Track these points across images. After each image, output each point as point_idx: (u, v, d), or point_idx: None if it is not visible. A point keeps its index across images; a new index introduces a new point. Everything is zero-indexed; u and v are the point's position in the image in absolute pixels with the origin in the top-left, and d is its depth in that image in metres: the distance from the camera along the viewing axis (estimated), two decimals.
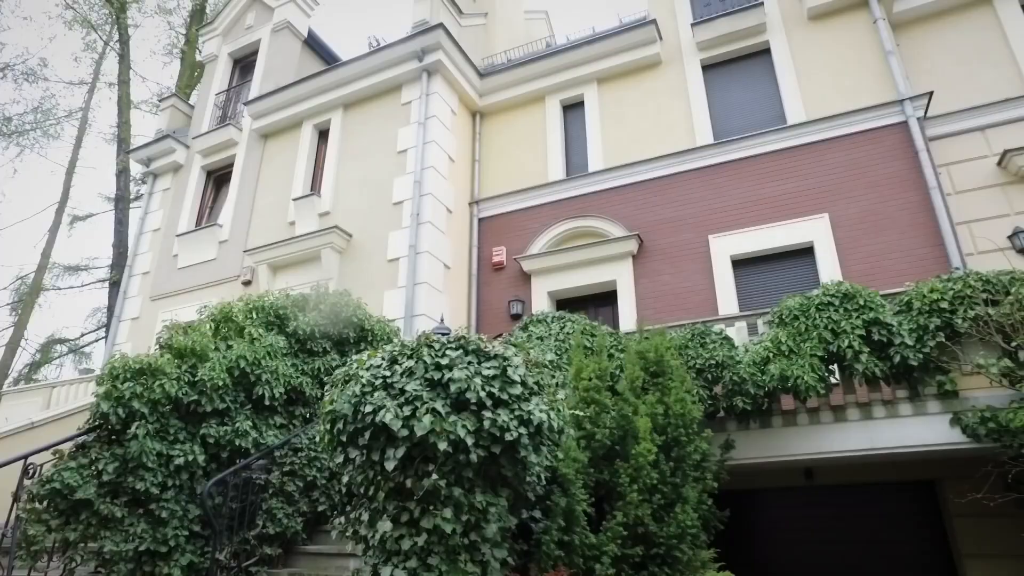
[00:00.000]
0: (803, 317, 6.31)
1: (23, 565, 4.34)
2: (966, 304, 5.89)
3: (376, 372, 3.69)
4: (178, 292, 11.83)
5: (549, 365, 5.86)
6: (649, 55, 10.79)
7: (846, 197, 8.84)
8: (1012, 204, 8.40)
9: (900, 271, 8.08)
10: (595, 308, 9.78)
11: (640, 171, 10.19)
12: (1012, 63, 8.94)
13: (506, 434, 3.46)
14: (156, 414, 5.05)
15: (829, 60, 9.66)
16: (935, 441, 6.00)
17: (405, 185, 10.04)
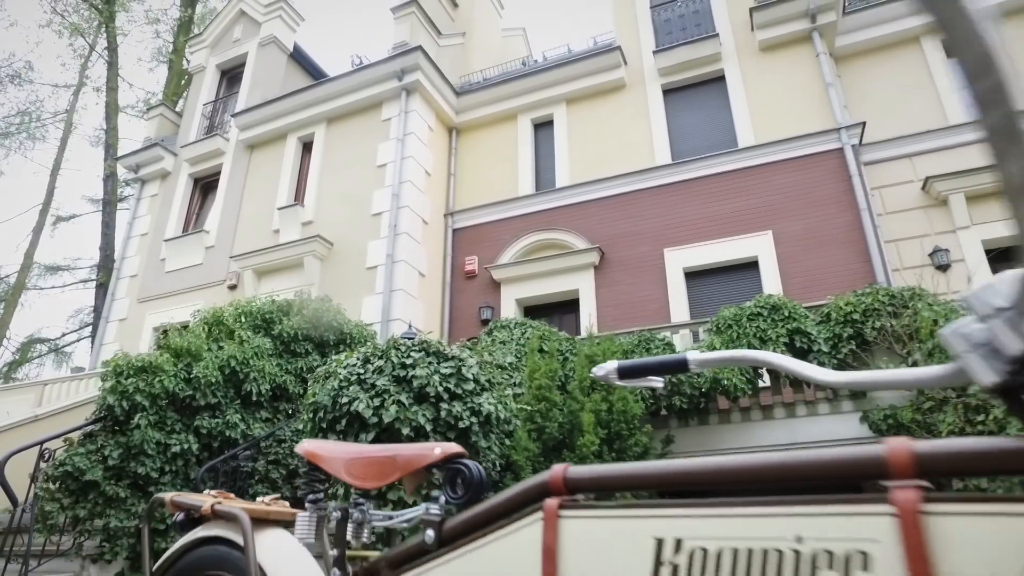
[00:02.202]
0: (736, 326, 7.10)
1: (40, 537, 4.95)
2: (874, 316, 6.74)
3: (352, 370, 4.39)
4: (165, 295, 12.37)
5: (508, 366, 6.62)
6: (614, 79, 11.58)
7: (788, 216, 9.68)
8: (933, 225, 9.31)
9: (834, 284, 8.90)
10: (560, 315, 10.53)
11: (603, 188, 10.97)
12: (936, 97, 9.87)
13: (459, 422, 4.18)
14: (156, 407, 5.67)
15: (777, 89, 10.51)
16: (847, 436, 6.81)
17: (384, 198, 10.72)
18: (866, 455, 0.59)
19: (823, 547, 0.58)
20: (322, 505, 1.07)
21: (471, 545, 0.82)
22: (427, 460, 0.90)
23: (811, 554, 0.58)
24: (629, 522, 0.69)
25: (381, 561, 0.91)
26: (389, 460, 0.93)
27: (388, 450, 0.94)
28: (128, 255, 13.45)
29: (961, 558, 0.51)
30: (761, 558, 0.60)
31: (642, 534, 0.67)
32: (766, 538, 0.61)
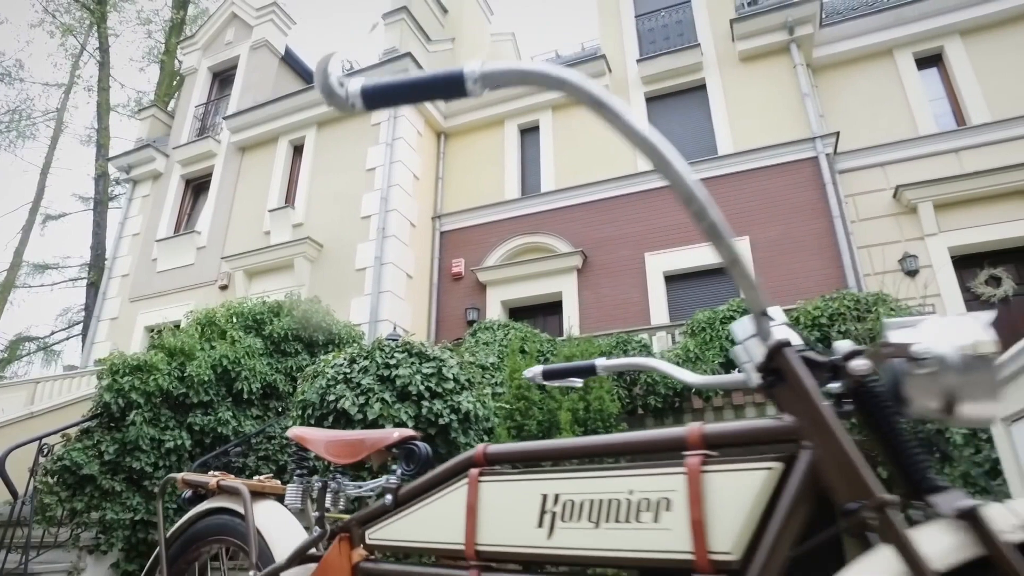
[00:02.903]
0: (709, 329, 7.42)
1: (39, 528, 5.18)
2: (840, 320, 7.06)
3: (339, 369, 4.65)
4: (157, 295, 12.55)
5: (491, 366, 6.90)
6: None
7: (764, 222, 10.01)
8: (903, 231, 9.66)
9: (807, 289, 9.22)
10: (543, 316, 10.81)
11: (587, 192, 11.26)
12: (907, 108, 10.24)
13: (440, 419, 4.45)
14: (150, 404, 5.90)
15: (756, 98, 10.84)
16: None
17: (373, 201, 10.96)
18: (674, 434, 0.87)
19: (644, 496, 0.85)
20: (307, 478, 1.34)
21: (418, 504, 1.09)
22: (387, 441, 1.18)
23: (637, 501, 0.86)
24: (525, 484, 0.96)
25: (352, 521, 1.18)
26: (359, 441, 1.20)
27: (358, 434, 1.21)
28: (120, 255, 13.61)
29: (721, 498, 0.79)
30: (607, 505, 0.88)
31: (533, 492, 0.95)
32: (611, 491, 0.88)
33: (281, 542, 1.30)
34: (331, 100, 0.75)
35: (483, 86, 0.74)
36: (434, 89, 0.76)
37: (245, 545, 1.34)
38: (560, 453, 1.00)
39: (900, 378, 0.76)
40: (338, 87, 0.74)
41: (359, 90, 0.75)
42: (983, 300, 9.22)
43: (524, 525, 0.94)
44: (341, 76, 0.74)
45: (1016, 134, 9.43)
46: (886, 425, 0.77)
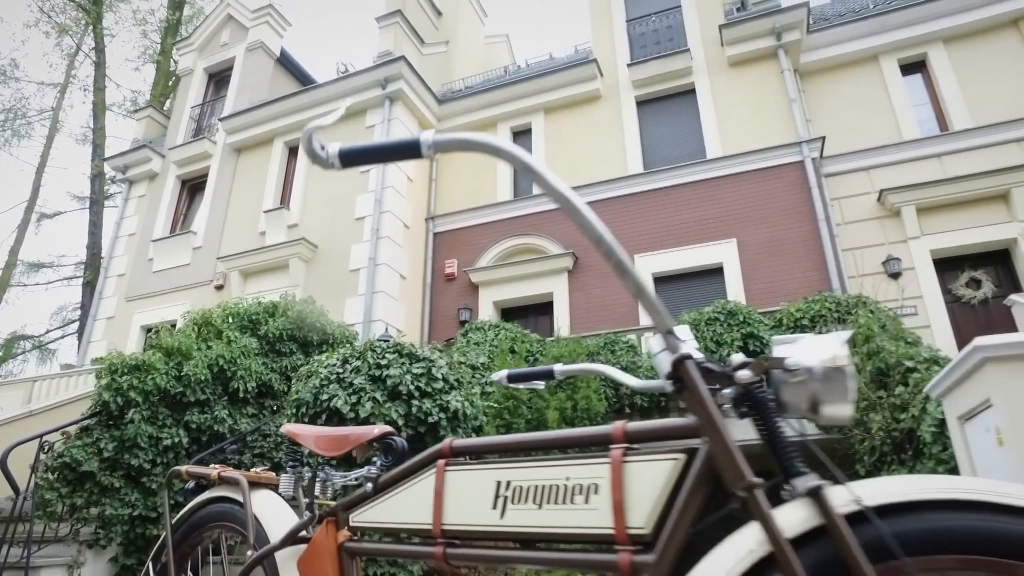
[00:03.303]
0: (694, 330, 7.59)
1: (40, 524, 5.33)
2: (821, 322, 7.26)
3: (332, 369, 4.81)
4: (153, 294, 12.68)
5: (481, 366, 7.07)
6: (590, 90, 12.05)
7: (752, 225, 10.21)
8: (887, 235, 9.87)
9: (793, 290, 9.42)
10: (535, 317, 10.99)
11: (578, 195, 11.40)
12: (892, 113, 10.45)
13: (429, 417, 4.62)
14: (148, 403, 6.04)
15: (744, 103, 11.04)
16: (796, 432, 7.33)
17: (367, 203, 11.12)
18: (603, 431, 1.04)
19: (578, 482, 1.03)
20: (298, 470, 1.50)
21: (395, 491, 1.26)
22: (369, 436, 1.34)
23: (572, 486, 1.03)
24: (483, 472, 1.14)
25: (338, 506, 1.35)
26: (344, 436, 1.37)
27: (343, 430, 1.38)
28: (116, 254, 13.73)
29: (637, 483, 0.97)
30: (549, 490, 1.05)
31: (489, 479, 1.12)
32: (552, 478, 1.05)
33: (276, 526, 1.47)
34: (315, 161, 0.93)
35: (434, 151, 0.92)
36: (396, 153, 0.94)
37: (244, 529, 1.51)
38: (513, 446, 1.17)
39: (779, 385, 0.94)
40: (320, 151, 0.92)
41: (337, 152, 0.93)
42: (964, 302, 9.44)
43: (481, 507, 1.11)
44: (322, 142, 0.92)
45: (997, 139, 9.64)
46: (768, 423, 0.94)
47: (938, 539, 0.77)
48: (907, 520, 0.79)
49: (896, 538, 0.78)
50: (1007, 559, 0.74)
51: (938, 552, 0.77)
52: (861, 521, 0.81)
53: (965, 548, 0.76)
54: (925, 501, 0.79)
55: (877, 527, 0.79)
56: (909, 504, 0.80)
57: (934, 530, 0.78)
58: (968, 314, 9.38)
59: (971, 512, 0.77)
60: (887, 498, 0.81)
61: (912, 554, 0.78)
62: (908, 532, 0.79)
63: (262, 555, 1.42)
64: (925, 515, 0.79)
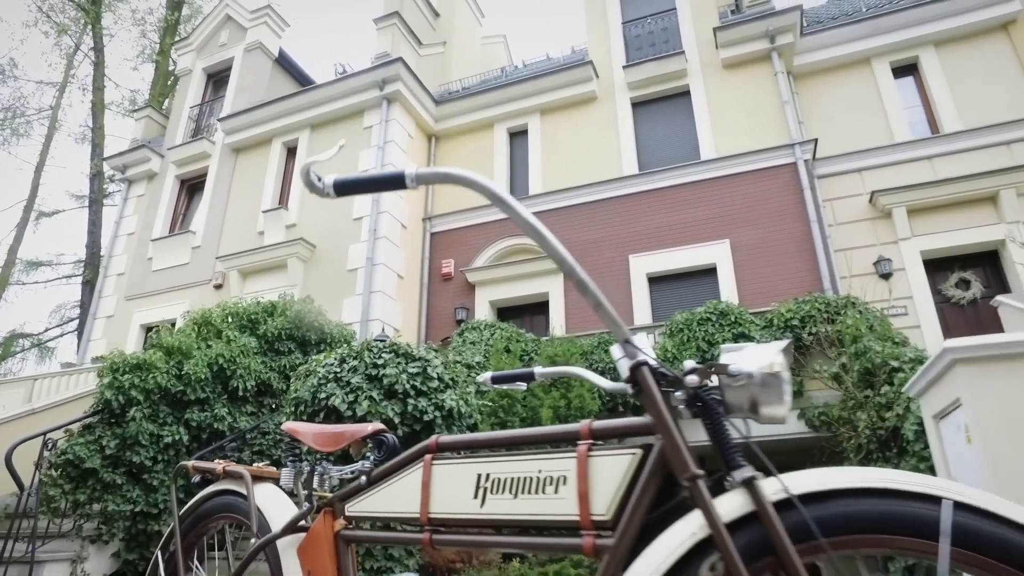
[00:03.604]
0: (687, 330, 7.74)
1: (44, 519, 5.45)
2: (810, 323, 7.40)
3: (330, 368, 4.93)
4: (152, 293, 12.78)
5: (476, 365, 7.19)
6: (586, 91, 12.16)
7: (744, 225, 10.33)
8: (878, 235, 10.00)
9: (785, 290, 9.55)
10: (530, 316, 11.12)
11: (574, 196, 11.56)
12: (884, 115, 10.58)
13: (424, 416, 4.74)
14: (149, 401, 6.16)
15: (738, 104, 11.16)
16: (785, 431, 7.47)
17: (364, 203, 11.23)
18: (572, 429, 1.16)
19: (549, 474, 1.15)
20: (298, 464, 1.62)
21: (386, 483, 1.38)
22: (363, 433, 1.46)
23: (544, 478, 1.15)
24: (465, 466, 1.26)
25: (334, 497, 1.47)
26: (340, 433, 1.49)
27: (340, 427, 1.50)
28: (115, 253, 13.82)
29: (600, 475, 1.09)
30: (523, 481, 1.17)
31: (471, 472, 1.24)
32: (526, 471, 1.17)
33: (277, 516, 1.59)
34: (312, 190, 1.06)
35: (416, 183, 1.04)
36: (385, 184, 1.06)
37: (247, 520, 1.63)
38: (493, 442, 1.29)
39: (724, 388, 1.06)
40: (317, 182, 1.04)
41: (332, 183, 1.05)
42: (953, 302, 9.57)
43: (464, 497, 1.24)
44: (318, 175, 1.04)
45: (986, 142, 9.78)
46: (714, 422, 1.06)
47: (851, 522, 0.90)
48: (826, 506, 0.92)
49: (816, 522, 0.90)
50: (904, 536, 0.86)
51: (851, 532, 0.90)
52: (789, 507, 0.93)
53: (872, 528, 0.88)
54: (842, 489, 0.91)
55: (801, 512, 0.91)
56: (829, 492, 0.92)
57: (848, 514, 0.90)
58: (957, 314, 9.51)
59: (878, 498, 0.89)
60: (811, 487, 0.93)
61: (829, 535, 0.90)
62: (826, 516, 0.91)
63: (264, 543, 1.54)
64: (842, 502, 0.91)
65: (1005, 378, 2.75)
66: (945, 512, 0.86)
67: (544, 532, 1.16)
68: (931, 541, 0.85)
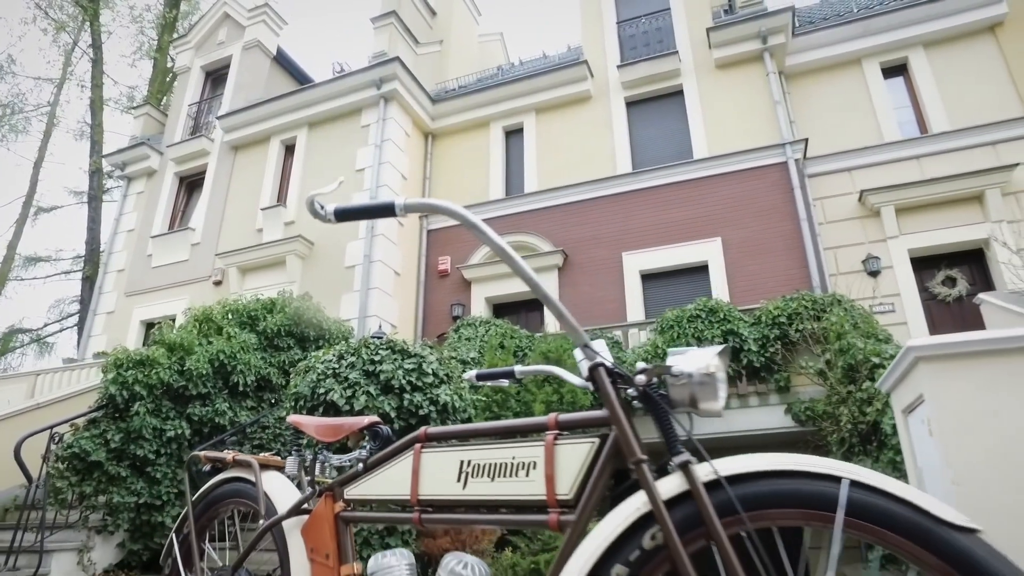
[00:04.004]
0: (677, 326, 7.92)
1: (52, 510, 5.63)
2: (797, 320, 7.58)
3: (328, 364, 5.11)
4: (152, 290, 12.93)
5: (471, 361, 7.37)
6: (581, 90, 12.31)
7: (736, 224, 10.51)
8: (867, 234, 10.18)
9: (775, 288, 9.73)
10: (526, 312, 11.29)
11: (569, 194, 11.72)
12: (873, 115, 10.75)
13: (420, 410, 4.92)
14: (152, 396, 6.33)
15: (730, 104, 11.32)
16: (774, 426, 7.68)
17: (362, 201, 11.35)
18: (540, 421, 1.34)
19: (521, 460, 1.32)
20: (301, 453, 1.79)
21: (381, 469, 1.56)
22: (360, 425, 1.64)
23: (517, 463, 1.33)
24: (451, 453, 1.43)
25: (335, 483, 1.64)
26: (339, 425, 1.66)
27: (339, 419, 1.67)
28: (115, 250, 13.96)
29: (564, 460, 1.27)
30: (499, 466, 1.35)
31: (455, 459, 1.42)
32: (502, 457, 1.35)
33: (282, 500, 1.76)
34: (315, 217, 1.23)
35: (405, 212, 1.21)
36: (378, 212, 1.23)
37: (255, 504, 1.80)
38: (475, 433, 1.47)
39: (668, 386, 1.23)
40: (320, 210, 1.21)
41: (332, 210, 1.22)
42: (939, 299, 9.77)
43: (448, 481, 1.41)
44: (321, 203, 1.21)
45: (972, 142, 9.96)
46: (659, 415, 1.23)
47: (768, 498, 1.07)
48: (749, 486, 1.09)
49: (740, 499, 1.08)
50: (810, 509, 1.04)
51: (768, 507, 1.07)
52: (719, 487, 1.11)
53: (785, 504, 1.06)
54: (762, 472, 1.09)
55: (727, 491, 1.09)
56: (751, 474, 1.10)
57: (766, 492, 1.08)
58: (943, 311, 9.71)
59: (791, 479, 1.07)
60: (736, 470, 1.11)
61: (750, 510, 1.08)
62: (749, 494, 1.09)
63: (271, 524, 1.71)
64: (762, 482, 1.09)
65: (961, 375, 2.93)
66: (843, 489, 1.03)
67: (517, 510, 1.34)
68: (831, 513, 1.03)
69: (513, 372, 1.77)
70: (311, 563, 1.62)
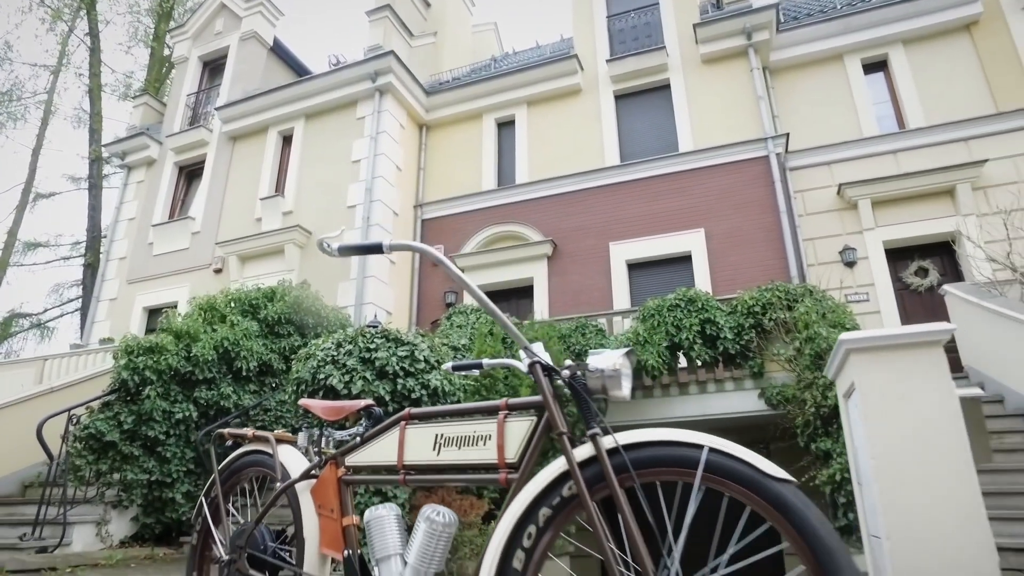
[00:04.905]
0: (657, 315, 8.34)
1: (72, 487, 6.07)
2: (771, 309, 8.01)
3: (327, 352, 5.52)
4: (154, 277, 13.30)
5: (462, 347, 7.79)
6: (571, 84, 12.64)
7: (719, 216, 10.91)
8: (845, 226, 10.60)
9: (755, 278, 10.15)
10: (517, 300, 11.71)
11: (558, 185, 12.10)
12: (854, 110, 11.12)
13: (412, 394, 5.34)
14: (162, 380, 6.75)
15: (715, 99, 11.67)
16: (748, 409, 8.14)
17: (358, 191, 11.74)
18: (495, 404, 1.75)
19: (480, 434, 1.74)
20: (311, 430, 2.21)
21: (374, 441, 1.98)
22: (357, 407, 2.05)
23: (477, 436, 1.74)
24: (428, 429, 1.85)
25: (337, 453, 2.06)
26: (341, 407, 2.07)
27: (341, 403, 2.09)
28: (117, 238, 14.30)
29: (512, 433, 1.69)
30: (464, 439, 1.76)
31: (432, 433, 1.84)
32: (467, 432, 1.76)
33: (294, 467, 2.17)
34: (323, 252, 1.63)
35: (390, 251, 1.61)
36: (370, 250, 1.63)
37: (272, 471, 2.22)
38: (447, 413, 1.89)
39: (587, 379, 1.65)
40: (327, 248, 1.61)
41: (337, 247, 1.63)
42: (912, 289, 10.22)
43: (426, 450, 1.83)
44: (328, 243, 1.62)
45: (946, 138, 10.35)
46: (580, 400, 1.64)
47: (652, 461, 1.49)
48: (640, 452, 1.51)
49: (632, 462, 1.50)
50: (682, 468, 1.46)
51: (652, 468, 1.49)
52: (617, 453, 1.52)
53: (664, 464, 1.48)
54: (649, 441, 1.51)
55: (622, 456, 1.51)
56: (641, 443, 1.52)
57: (651, 456, 1.49)
58: (915, 300, 10.17)
59: (670, 447, 1.48)
60: (630, 440, 1.52)
61: (638, 469, 1.50)
62: (639, 458, 1.50)
63: (287, 486, 2.13)
64: (649, 449, 1.50)
65: (883, 365, 3.36)
66: (704, 454, 1.45)
67: (476, 471, 1.76)
68: (694, 470, 1.45)
69: (481, 364, 2.18)
70: (319, 517, 2.05)
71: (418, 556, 1.75)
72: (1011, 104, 10.19)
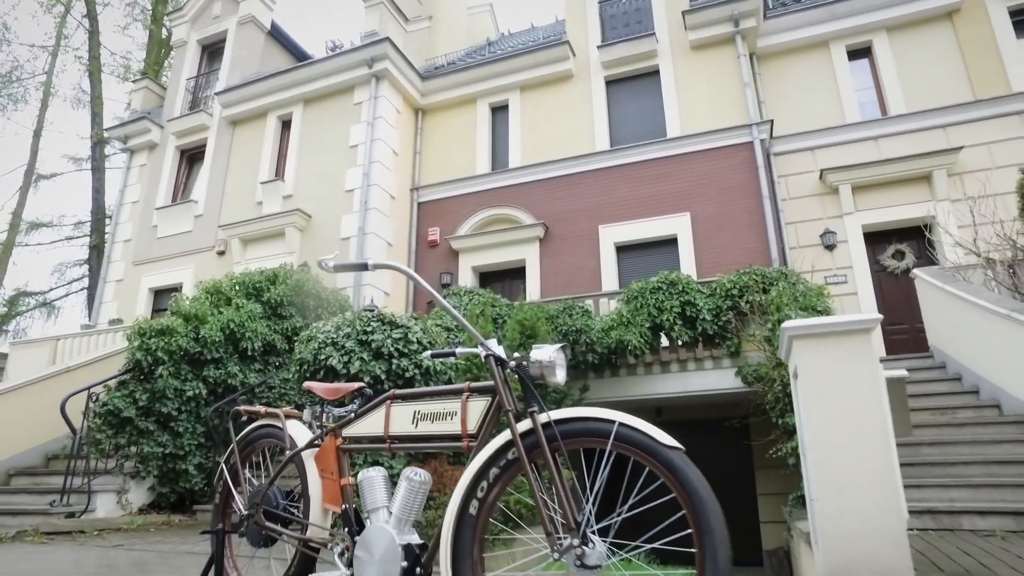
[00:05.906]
0: (640, 297, 8.77)
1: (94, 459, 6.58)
2: (748, 292, 8.45)
3: (328, 334, 5.97)
4: (159, 259, 13.72)
5: (454, 328, 8.24)
6: (563, 69, 12.92)
7: (704, 200, 11.30)
8: (826, 210, 10.99)
9: (738, 260, 10.55)
10: (510, 281, 12.15)
11: (550, 169, 12.45)
12: (837, 97, 11.44)
13: (406, 373, 5.81)
14: (173, 360, 7.22)
15: (703, 85, 11.97)
16: (726, 387, 8.63)
17: (355, 176, 12.11)
18: (460, 387, 2.19)
19: (448, 411, 2.18)
20: (314, 407, 2.66)
21: (365, 417, 2.42)
22: (353, 388, 2.50)
23: (446, 412, 2.18)
24: (409, 406, 2.30)
25: (336, 426, 2.51)
26: (339, 388, 2.52)
27: (338, 384, 2.53)
28: (121, 221, 14.69)
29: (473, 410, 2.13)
30: (437, 415, 2.20)
31: (411, 409, 2.28)
32: (438, 409, 2.20)
33: (301, 438, 2.63)
34: (322, 269, 2.06)
35: (374, 268, 2.04)
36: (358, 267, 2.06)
37: (282, 442, 2.68)
38: (423, 394, 2.34)
39: (529, 367, 2.08)
40: (325, 266, 2.04)
41: (332, 266, 2.06)
42: (889, 272, 10.64)
43: (407, 423, 2.28)
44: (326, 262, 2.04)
45: (924, 125, 10.69)
46: (524, 384, 2.08)
47: (576, 432, 1.93)
48: (568, 425, 1.95)
49: (561, 433, 1.94)
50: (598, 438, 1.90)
51: (576, 437, 1.94)
52: (550, 427, 1.97)
53: (586, 435, 1.92)
54: (575, 417, 1.95)
55: (552, 428, 1.95)
56: (569, 419, 1.96)
57: (576, 429, 1.94)
58: (892, 283, 10.60)
59: (590, 422, 1.93)
60: (560, 416, 1.97)
61: (566, 439, 1.94)
62: (567, 430, 1.95)
63: (294, 454, 2.59)
64: (575, 423, 1.95)
65: (820, 351, 3.80)
66: (615, 427, 1.90)
67: (445, 440, 2.21)
68: (607, 439, 1.90)
69: (455, 353, 2.63)
70: (321, 478, 2.51)
71: (401, 507, 2.21)
72: (988, 92, 10.51)
